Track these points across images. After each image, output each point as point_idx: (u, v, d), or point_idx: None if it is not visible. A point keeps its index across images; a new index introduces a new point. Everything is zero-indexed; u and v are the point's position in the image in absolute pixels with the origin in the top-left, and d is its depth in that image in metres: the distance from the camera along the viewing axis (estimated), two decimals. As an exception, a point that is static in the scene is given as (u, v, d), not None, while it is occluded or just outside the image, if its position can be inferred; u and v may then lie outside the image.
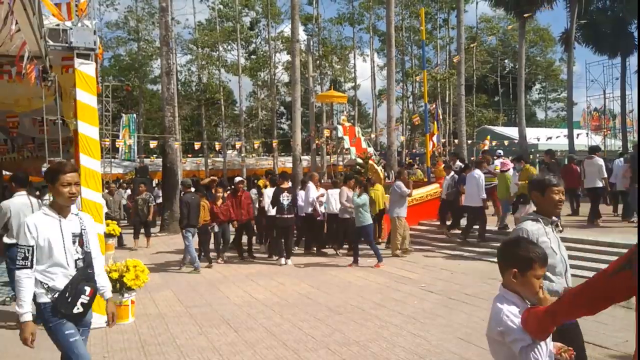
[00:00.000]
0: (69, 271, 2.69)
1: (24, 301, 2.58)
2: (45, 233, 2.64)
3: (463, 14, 21.20)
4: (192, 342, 4.82)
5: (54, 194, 2.71)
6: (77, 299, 2.69)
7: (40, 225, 2.65)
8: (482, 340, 4.61)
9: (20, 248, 2.62)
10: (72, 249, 2.71)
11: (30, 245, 2.60)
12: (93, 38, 5.29)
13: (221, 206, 9.22)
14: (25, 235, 2.61)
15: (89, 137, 5.34)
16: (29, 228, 2.62)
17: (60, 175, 2.66)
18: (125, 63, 33.48)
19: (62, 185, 2.66)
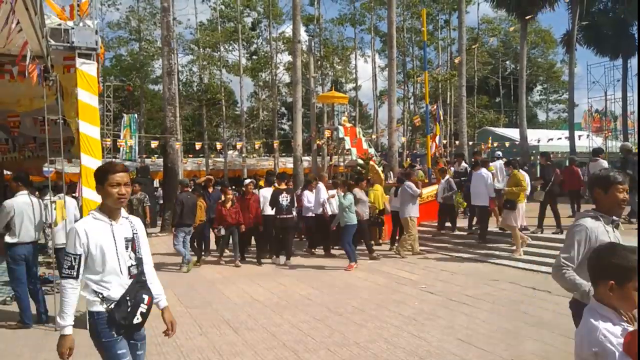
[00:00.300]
0: (123, 279, 2.51)
1: (66, 313, 2.41)
2: (97, 239, 2.46)
3: (464, 15, 21.21)
4: (192, 342, 4.83)
5: (102, 195, 2.53)
6: (137, 309, 2.50)
7: (91, 231, 2.46)
8: (482, 341, 4.62)
9: (67, 256, 2.43)
10: (126, 255, 2.53)
11: (77, 254, 2.42)
12: (95, 38, 5.29)
13: (230, 209, 9.01)
14: (73, 242, 2.42)
15: (90, 136, 5.34)
16: (79, 235, 2.43)
17: (110, 175, 2.48)
18: (127, 63, 33.51)
19: (111, 185, 2.48)
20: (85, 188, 5.32)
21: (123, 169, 2.56)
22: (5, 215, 5.27)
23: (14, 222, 5.26)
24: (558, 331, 4.82)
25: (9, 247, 5.31)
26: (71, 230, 2.47)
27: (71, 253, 2.43)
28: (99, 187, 2.53)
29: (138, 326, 2.54)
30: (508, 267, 8.11)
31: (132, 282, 2.52)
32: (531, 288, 6.66)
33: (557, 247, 8.19)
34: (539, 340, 4.62)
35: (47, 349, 4.74)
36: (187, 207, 8.84)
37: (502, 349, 4.41)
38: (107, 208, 2.55)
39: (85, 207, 5.32)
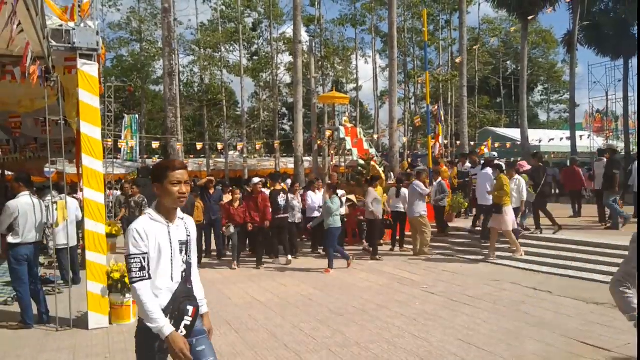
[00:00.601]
0: (173, 285, 2.32)
1: (155, 313, 2.19)
2: (155, 241, 2.28)
3: (465, 16, 21.20)
4: (194, 343, 4.82)
5: (160, 194, 2.35)
6: (181, 321, 2.28)
7: (150, 232, 2.28)
8: (483, 342, 4.62)
9: (133, 258, 2.23)
10: (179, 260, 2.35)
11: (145, 253, 2.24)
12: (96, 39, 5.30)
13: (238, 208, 8.92)
14: (136, 241, 2.25)
15: (91, 137, 5.35)
16: (140, 234, 2.26)
17: (169, 172, 2.31)
18: (128, 64, 33.55)
19: (171, 183, 2.31)
20: (86, 189, 5.33)
21: (183, 166, 2.41)
22: (9, 216, 5.28)
23: (18, 222, 5.27)
24: (559, 331, 4.81)
25: (12, 248, 5.32)
26: (130, 231, 2.27)
27: (137, 253, 2.24)
28: (157, 185, 2.34)
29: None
30: (509, 267, 8.10)
31: (178, 289, 2.33)
32: (532, 288, 6.65)
33: (558, 247, 8.24)
34: (540, 340, 4.62)
35: (49, 349, 4.75)
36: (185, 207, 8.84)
37: (503, 350, 4.41)
38: (164, 208, 2.37)
39: (86, 208, 5.33)
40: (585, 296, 6.09)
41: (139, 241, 2.25)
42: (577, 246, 8.09)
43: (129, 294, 5.44)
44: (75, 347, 4.79)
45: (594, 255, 7.60)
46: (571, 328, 4.93)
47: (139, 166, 21.50)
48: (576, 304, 5.83)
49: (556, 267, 7.63)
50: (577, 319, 5.24)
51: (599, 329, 4.86)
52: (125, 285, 5.36)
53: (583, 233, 8.94)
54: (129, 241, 2.26)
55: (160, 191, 2.34)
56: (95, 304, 5.29)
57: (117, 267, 5.47)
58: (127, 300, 5.46)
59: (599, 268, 7.19)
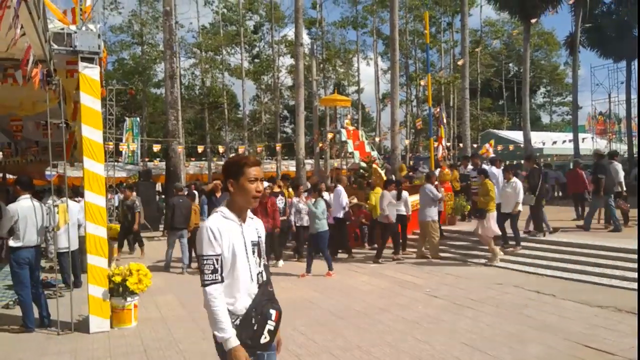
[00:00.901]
0: (252, 288, 2.22)
1: (224, 323, 2.08)
2: (230, 241, 2.17)
3: (467, 18, 21.21)
4: (195, 347, 4.81)
5: (235, 192, 2.22)
6: (264, 326, 2.18)
7: (225, 232, 2.16)
8: (486, 345, 4.58)
9: (207, 259, 2.11)
10: (254, 261, 2.25)
11: (218, 254, 2.12)
12: (97, 42, 5.31)
13: None
14: (210, 242, 2.12)
15: (92, 140, 5.35)
16: (214, 233, 2.13)
17: (246, 169, 2.20)
18: (129, 67, 33.65)
19: (248, 180, 2.19)
20: (87, 192, 5.32)
21: (259, 162, 2.29)
22: (9, 219, 5.28)
23: (18, 226, 5.27)
24: (562, 335, 4.78)
25: (13, 251, 5.32)
26: (203, 230, 2.15)
27: (210, 255, 2.12)
28: (231, 182, 2.22)
29: (265, 346, 2.21)
30: (512, 270, 8.06)
31: (258, 292, 2.24)
32: (535, 292, 6.62)
33: (561, 250, 8.21)
34: (543, 344, 4.59)
35: (50, 352, 4.75)
36: (179, 210, 8.93)
37: (506, 353, 4.38)
38: (237, 206, 2.25)
39: (87, 211, 5.33)
40: (589, 299, 6.05)
41: (213, 241, 2.13)
42: (580, 249, 8.05)
43: (130, 298, 5.44)
44: (77, 350, 4.78)
45: (597, 259, 7.55)
46: (574, 331, 4.90)
47: (140, 169, 21.52)
48: (579, 307, 5.80)
49: (559, 270, 7.59)
50: (581, 322, 5.20)
51: (602, 333, 4.83)
52: (126, 289, 5.35)
53: (587, 236, 8.90)
54: (202, 240, 2.13)
55: (235, 188, 2.22)
56: (96, 307, 5.28)
57: (119, 270, 5.46)
58: (128, 303, 5.45)
59: (602, 271, 7.15)
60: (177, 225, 8.92)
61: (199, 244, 2.15)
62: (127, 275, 5.38)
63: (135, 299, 5.54)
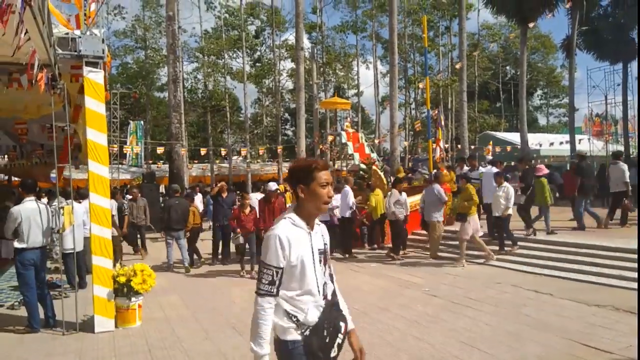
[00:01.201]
0: (318, 299, 2.08)
1: (264, 339, 1.98)
2: (299, 250, 2.03)
3: (465, 22, 21.35)
4: (199, 346, 4.87)
5: (305, 197, 2.09)
6: (335, 339, 2.06)
7: (294, 241, 2.03)
8: (485, 344, 4.65)
9: (267, 268, 2.00)
10: (320, 271, 2.12)
11: (280, 267, 1.99)
12: (101, 46, 5.40)
13: (249, 214, 8.41)
14: (276, 251, 1.99)
15: (97, 143, 5.43)
16: (282, 243, 2.00)
17: (317, 173, 2.07)
18: (133, 71, 33.79)
19: (320, 185, 2.07)
20: (92, 194, 5.41)
21: (328, 165, 2.17)
22: (13, 221, 5.35)
23: (22, 228, 5.34)
24: (561, 334, 4.84)
25: (18, 253, 5.39)
26: (271, 238, 2.02)
27: (272, 265, 1.99)
28: (301, 187, 2.09)
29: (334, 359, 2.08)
30: (510, 270, 8.13)
31: (326, 304, 2.10)
32: (534, 291, 6.68)
33: (560, 250, 8.28)
34: (541, 343, 4.65)
35: (55, 353, 4.81)
36: (175, 212, 9.10)
37: (504, 352, 4.44)
38: (306, 213, 2.11)
39: (92, 213, 5.41)
40: (587, 298, 6.12)
41: (279, 251, 1.99)
42: (578, 249, 8.12)
43: (134, 298, 5.51)
44: (82, 350, 4.84)
45: (595, 258, 7.62)
46: (573, 330, 4.96)
47: (144, 171, 21.59)
48: (577, 306, 5.86)
49: (557, 270, 7.66)
50: (579, 321, 5.26)
51: (600, 332, 4.89)
52: (130, 289, 5.42)
53: (584, 235, 8.96)
54: (268, 248, 2.01)
55: (306, 194, 2.08)
56: (101, 307, 5.35)
57: (123, 271, 5.53)
58: (132, 303, 5.52)
59: (600, 270, 7.22)
60: (173, 226, 9.10)
61: (264, 249, 2.03)
62: (131, 276, 5.45)
63: (140, 299, 5.61)
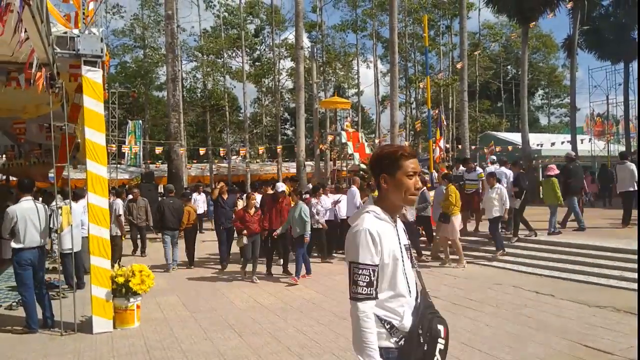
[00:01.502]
0: (410, 301, 1.86)
1: (373, 349, 1.74)
2: (390, 245, 1.81)
3: (466, 21, 21.30)
4: (197, 347, 4.85)
5: (389, 188, 1.88)
6: (435, 346, 1.82)
7: (384, 235, 1.81)
8: (486, 345, 4.63)
9: (363, 268, 1.76)
10: (410, 268, 1.91)
11: (375, 265, 1.77)
12: (100, 45, 5.37)
13: (254, 215, 8.16)
14: (369, 248, 1.77)
15: (95, 143, 5.40)
16: (373, 237, 1.77)
17: (403, 161, 1.86)
18: (132, 70, 33.78)
19: (407, 175, 1.86)
20: (91, 194, 5.38)
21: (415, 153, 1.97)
22: (9, 221, 5.32)
23: (18, 227, 5.31)
24: (561, 335, 4.82)
25: (15, 253, 5.36)
26: (361, 233, 1.79)
27: (368, 264, 1.76)
28: (384, 177, 1.89)
29: None
30: (511, 270, 8.11)
31: (420, 304, 1.88)
32: (534, 292, 6.66)
33: (560, 251, 8.26)
34: (542, 343, 4.63)
35: (53, 353, 4.78)
36: (169, 211, 9.22)
37: (505, 353, 4.42)
38: (390, 205, 1.90)
39: (90, 213, 5.38)
40: (587, 299, 6.10)
41: (371, 247, 1.77)
42: (579, 249, 8.10)
43: (133, 298, 5.48)
44: (80, 351, 4.82)
45: (595, 259, 7.60)
46: (573, 331, 4.94)
47: (142, 171, 21.58)
48: (578, 307, 5.84)
49: (558, 271, 7.64)
50: (579, 322, 5.24)
51: (601, 332, 4.87)
52: (129, 290, 5.39)
53: (585, 236, 8.94)
54: (358, 245, 1.77)
55: (390, 184, 1.88)
56: (99, 308, 5.33)
57: (121, 271, 5.50)
58: (131, 304, 5.49)
59: (600, 271, 7.19)
60: (169, 225, 9.24)
61: (352, 248, 1.79)
62: (129, 276, 5.42)
63: (138, 299, 5.59)
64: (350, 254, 1.81)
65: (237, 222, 8.19)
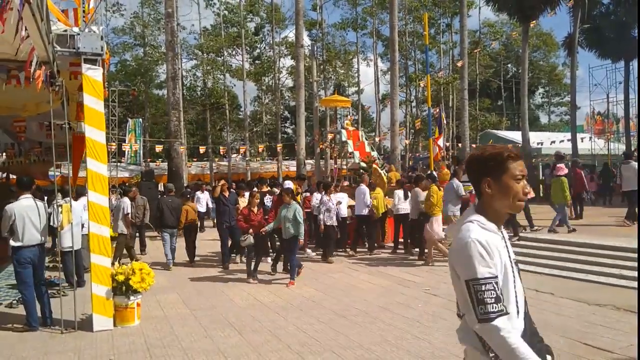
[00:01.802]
0: (518, 325, 1.65)
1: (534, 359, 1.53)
2: (502, 260, 1.63)
3: (466, 19, 21.30)
4: (197, 345, 4.86)
5: (494, 194, 1.70)
6: None
7: (493, 247, 1.61)
8: (485, 343, 4.64)
9: (484, 283, 1.55)
10: (520, 285, 1.71)
11: (496, 276, 1.58)
12: (100, 44, 5.36)
13: (258, 213, 8.01)
14: (484, 259, 1.58)
15: (96, 141, 5.40)
16: (485, 248, 1.59)
17: (510, 164, 1.68)
18: (132, 68, 33.76)
19: (514, 178, 1.68)
20: (91, 192, 5.38)
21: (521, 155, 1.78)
22: (8, 219, 5.32)
23: (16, 226, 5.30)
24: (561, 333, 4.83)
25: (15, 251, 5.36)
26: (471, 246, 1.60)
27: (488, 277, 1.56)
28: (489, 181, 1.70)
29: None
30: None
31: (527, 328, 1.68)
32: (534, 290, 6.66)
33: (560, 249, 8.26)
34: (542, 341, 4.63)
35: (53, 351, 4.79)
36: (168, 210, 9.36)
37: (505, 351, 4.42)
38: (494, 213, 1.71)
39: (91, 211, 5.38)
40: (587, 297, 6.10)
41: (487, 258, 1.58)
42: (579, 248, 8.11)
43: (133, 296, 5.49)
44: (80, 349, 4.82)
45: (595, 257, 7.61)
46: (573, 329, 4.95)
47: (142, 169, 21.58)
48: (578, 305, 5.85)
49: (557, 269, 7.65)
50: (579, 320, 5.25)
51: (601, 331, 4.88)
52: (129, 288, 5.40)
53: (585, 234, 8.94)
54: (471, 258, 1.58)
55: (495, 189, 1.69)
56: (99, 306, 5.34)
57: (122, 269, 5.51)
58: (131, 302, 5.50)
59: (600, 270, 7.20)
60: (167, 223, 9.36)
61: (466, 264, 1.60)
62: (130, 274, 5.43)
63: (138, 297, 5.59)
64: (465, 271, 1.60)
65: (241, 221, 8.07)
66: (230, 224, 9.15)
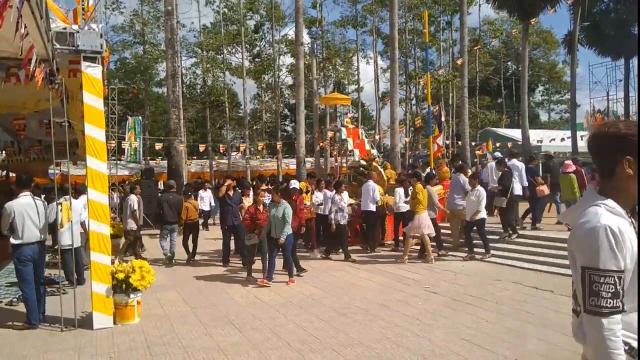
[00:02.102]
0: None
1: None
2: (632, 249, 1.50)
3: (466, 17, 21.27)
4: (197, 343, 4.86)
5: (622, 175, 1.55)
6: None
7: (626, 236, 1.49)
8: (485, 341, 4.64)
9: (605, 276, 1.45)
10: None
11: (621, 270, 1.46)
12: (99, 41, 5.35)
13: (264, 211, 7.93)
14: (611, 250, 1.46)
15: (95, 139, 5.40)
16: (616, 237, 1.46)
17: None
18: (131, 66, 33.68)
19: None
20: (91, 190, 5.37)
21: None
22: (7, 217, 5.32)
23: (16, 223, 5.31)
24: (561, 330, 4.83)
25: (15, 249, 5.36)
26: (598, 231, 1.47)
27: (612, 270, 1.45)
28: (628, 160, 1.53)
29: None
30: (511, 267, 8.12)
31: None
32: (534, 287, 6.68)
33: (559, 247, 8.25)
34: (542, 339, 4.64)
35: (53, 349, 4.79)
36: (169, 206, 9.44)
37: (505, 349, 4.43)
38: (626, 198, 1.57)
39: (90, 209, 5.37)
40: (587, 295, 6.10)
41: (615, 249, 1.45)
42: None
43: (133, 294, 5.49)
44: (80, 347, 4.83)
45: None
46: (573, 327, 4.95)
47: (142, 167, 21.56)
48: (578, 303, 5.85)
49: (557, 267, 7.65)
50: (579, 317, 5.25)
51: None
52: (129, 286, 5.40)
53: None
54: (597, 246, 1.46)
55: (623, 171, 1.54)
56: (99, 304, 5.34)
57: (122, 267, 5.51)
58: (131, 300, 5.50)
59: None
60: (168, 219, 9.46)
61: (589, 250, 1.48)
62: (130, 272, 5.43)
63: (138, 295, 5.59)
64: (585, 258, 1.48)
65: (247, 221, 7.96)
66: (234, 223, 9.03)
